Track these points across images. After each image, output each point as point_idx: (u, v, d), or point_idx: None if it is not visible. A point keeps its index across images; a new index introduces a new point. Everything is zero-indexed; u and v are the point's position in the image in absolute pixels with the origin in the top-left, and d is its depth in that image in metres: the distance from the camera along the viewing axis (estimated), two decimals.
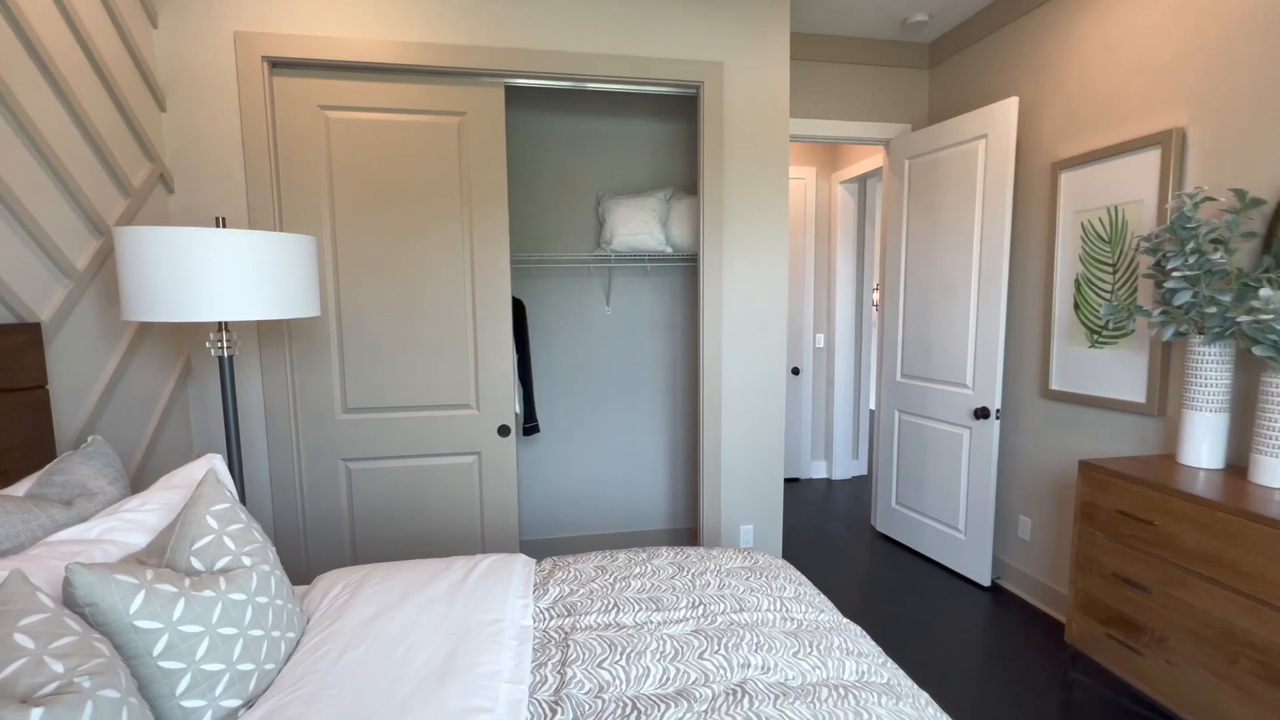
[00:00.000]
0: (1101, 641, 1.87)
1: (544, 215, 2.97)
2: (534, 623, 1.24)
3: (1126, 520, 1.78)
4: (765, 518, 2.65)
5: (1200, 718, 1.59)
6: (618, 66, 2.33)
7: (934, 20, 2.89)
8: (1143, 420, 2.17)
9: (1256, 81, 1.81)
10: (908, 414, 3.18)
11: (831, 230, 4.29)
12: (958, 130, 2.79)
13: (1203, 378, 1.80)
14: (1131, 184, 2.17)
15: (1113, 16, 2.23)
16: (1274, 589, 1.42)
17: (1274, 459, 1.63)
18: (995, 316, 2.63)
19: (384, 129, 2.22)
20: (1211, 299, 1.74)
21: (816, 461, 4.48)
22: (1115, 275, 2.24)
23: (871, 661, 1.13)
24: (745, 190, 2.49)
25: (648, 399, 3.15)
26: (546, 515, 3.12)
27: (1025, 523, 2.67)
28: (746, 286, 2.54)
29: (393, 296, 2.27)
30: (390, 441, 2.32)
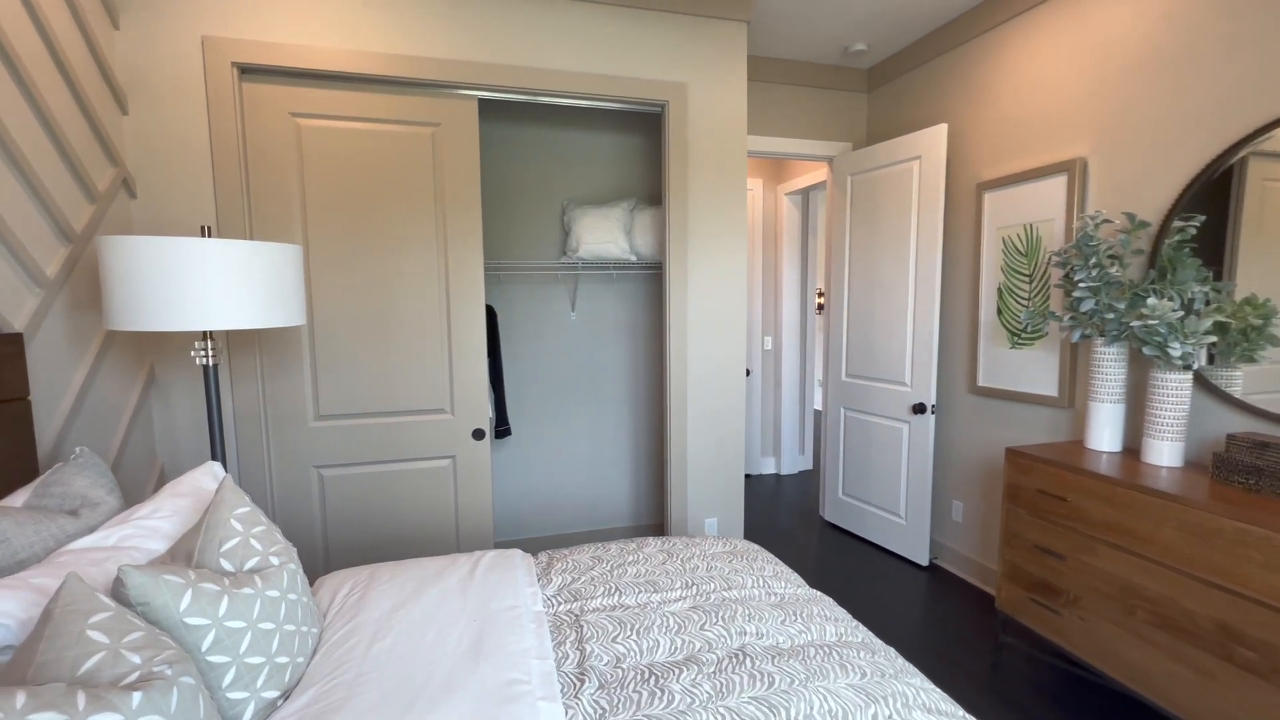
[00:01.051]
0: (1026, 606, 2.13)
1: (510, 223, 3.04)
2: (545, 608, 1.34)
3: (1045, 498, 2.05)
4: (728, 510, 2.82)
5: (1108, 664, 1.86)
6: (589, 84, 2.44)
7: (872, 49, 3.16)
8: (1055, 411, 2.48)
9: (1143, 121, 2.12)
10: (852, 411, 3.43)
11: (778, 239, 4.55)
12: (895, 151, 3.06)
13: (1103, 374, 2.10)
14: (1044, 205, 2.47)
15: (1029, 56, 2.53)
16: (1161, 549, 1.70)
17: (1160, 441, 1.93)
18: (930, 320, 2.91)
19: (357, 138, 2.24)
20: (1110, 306, 2.04)
21: (766, 458, 4.72)
22: (1032, 285, 2.54)
23: (847, 625, 1.30)
24: (707, 202, 2.65)
25: (612, 401, 3.27)
26: (515, 517, 3.18)
27: (958, 506, 2.96)
28: (709, 293, 2.70)
29: (367, 304, 2.29)
30: (364, 447, 2.34)
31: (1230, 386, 1.91)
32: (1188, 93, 1.99)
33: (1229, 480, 1.75)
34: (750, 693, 1.05)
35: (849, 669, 1.11)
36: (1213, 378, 1.95)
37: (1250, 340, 1.87)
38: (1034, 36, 2.49)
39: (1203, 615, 1.61)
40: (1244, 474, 1.71)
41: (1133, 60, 2.15)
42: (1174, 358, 1.86)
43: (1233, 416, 1.91)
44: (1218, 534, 1.58)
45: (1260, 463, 1.68)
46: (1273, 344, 1.82)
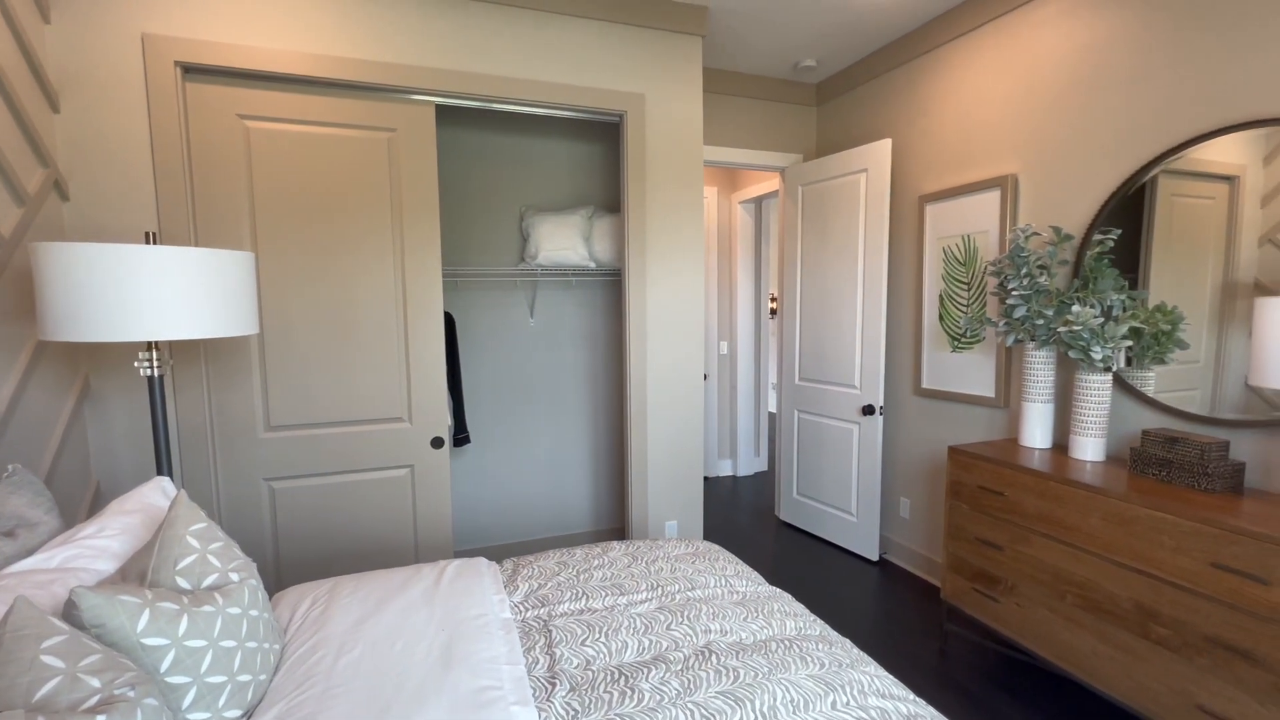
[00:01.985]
0: (969, 595, 2.26)
1: (468, 229, 3.01)
2: (513, 615, 1.34)
3: (984, 493, 2.18)
4: (688, 512, 2.87)
5: (1042, 646, 2.00)
6: (549, 93, 2.46)
7: (821, 65, 3.29)
8: (993, 411, 2.63)
9: (1066, 141, 2.30)
10: (805, 413, 3.55)
11: (732, 246, 4.65)
12: (843, 164, 3.19)
13: (1034, 376, 2.25)
14: (980, 217, 2.63)
15: (966, 77, 2.69)
16: (1087, 537, 1.84)
17: (1085, 438, 2.09)
18: (877, 326, 3.05)
19: (310, 142, 2.19)
20: (1039, 313, 2.19)
21: (723, 460, 4.81)
22: (970, 292, 2.70)
23: (805, 619, 1.36)
24: (665, 210, 2.71)
25: (572, 407, 3.28)
26: (476, 525, 3.15)
27: (906, 503, 3.10)
28: (667, 299, 2.75)
29: (320, 311, 2.24)
30: (318, 458, 2.28)
31: (1145, 386, 2.08)
32: (1104, 117, 2.17)
33: (1144, 472, 1.91)
34: (717, 687, 1.09)
35: (808, 660, 1.17)
36: (1130, 378, 2.12)
37: (1161, 344, 2.05)
38: (970, 59, 2.65)
39: (1123, 597, 1.75)
40: (1157, 466, 1.87)
41: (1056, 86, 2.32)
42: (1095, 361, 2.02)
43: (1148, 414, 2.09)
44: (1135, 522, 1.72)
45: (1170, 456, 1.84)
46: (1180, 347, 2.00)
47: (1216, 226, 1.85)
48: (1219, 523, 1.54)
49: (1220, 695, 1.54)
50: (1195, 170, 1.90)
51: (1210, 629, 1.56)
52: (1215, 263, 1.86)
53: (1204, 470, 1.75)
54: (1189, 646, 1.61)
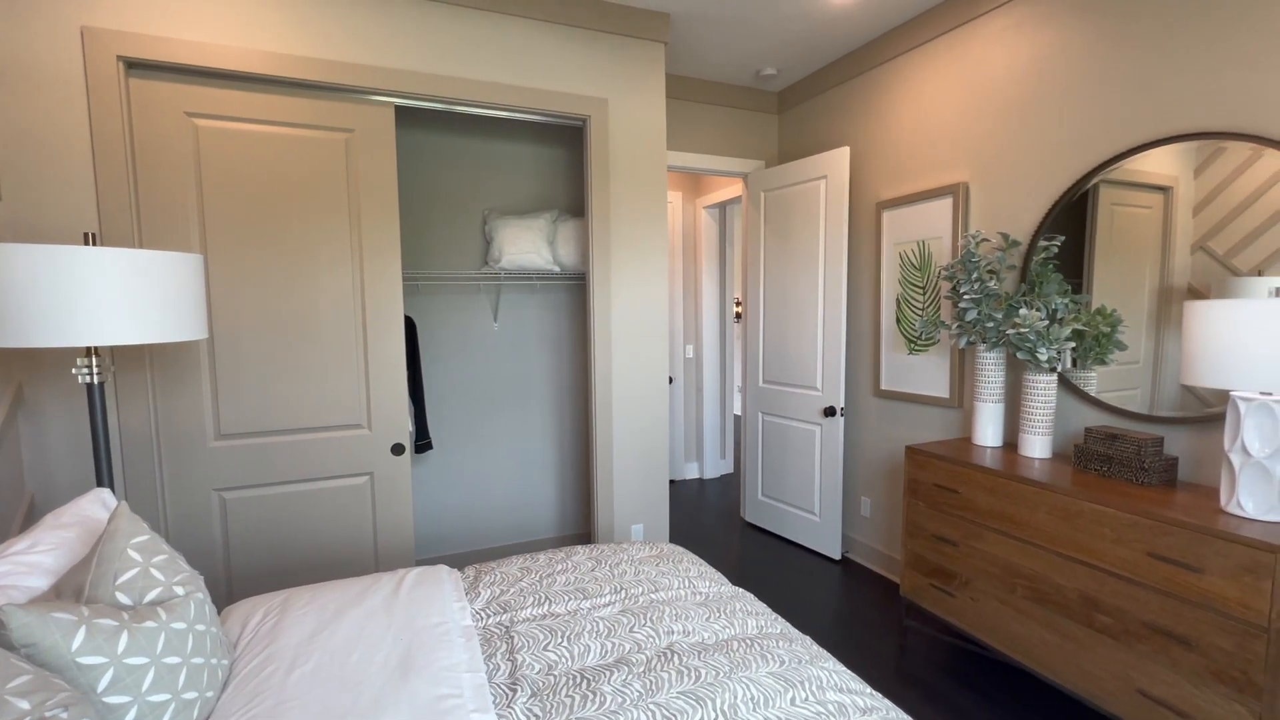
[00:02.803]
0: (926, 591, 2.32)
1: (430, 232, 2.97)
2: (474, 622, 1.33)
3: (940, 491, 2.25)
4: (653, 515, 2.88)
5: (995, 638, 2.06)
6: (511, 96, 2.45)
7: (782, 74, 3.35)
8: (947, 411, 2.72)
9: (1013, 151, 2.39)
10: (769, 415, 3.60)
11: (697, 250, 4.70)
12: (803, 170, 3.26)
13: (986, 376, 2.33)
14: (934, 223, 2.72)
15: (920, 89, 2.78)
16: (1035, 532, 1.91)
17: (1033, 436, 2.18)
18: (838, 329, 3.11)
19: (263, 141, 2.13)
20: (990, 316, 2.27)
21: (689, 463, 4.84)
22: (925, 296, 2.79)
23: (767, 618, 1.38)
24: (629, 215, 2.72)
25: (537, 411, 3.26)
26: (439, 532, 3.10)
27: (867, 502, 3.17)
28: (631, 303, 2.76)
29: (275, 316, 2.18)
30: (272, 467, 2.21)
31: (1088, 386, 2.18)
32: (1047, 129, 2.27)
33: (1087, 468, 2.00)
34: (679, 688, 1.10)
35: (769, 658, 1.19)
36: (1074, 379, 2.22)
37: (1102, 345, 2.15)
38: (924, 71, 2.74)
39: (1069, 588, 1.83)
40: (1099, 462, 1.96)
41: (1003, 98, 2.41)
42: (1041, 361, 2.10)
43: (1091, 412, 2.18)
44: (1078, 515, 1.80)
45: (1111, 452, 1.93)
46: (1119, 348, 2.10)
47: (1153, 234, 1.95)
48: (1154, 514, 1.62)
49: (1158, 679, 1.62)
50: (1133, 181, 2.00)
51: (1148, 616, 1.64)
52: (1152, 268, 1.96)
53: (1141, 465, 1.84)
54: (1129, 634, 1.68)
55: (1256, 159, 1.69)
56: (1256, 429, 1.53)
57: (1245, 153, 1.71)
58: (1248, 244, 1.71)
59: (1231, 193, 1.74)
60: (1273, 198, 1.67)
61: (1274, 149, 1.67)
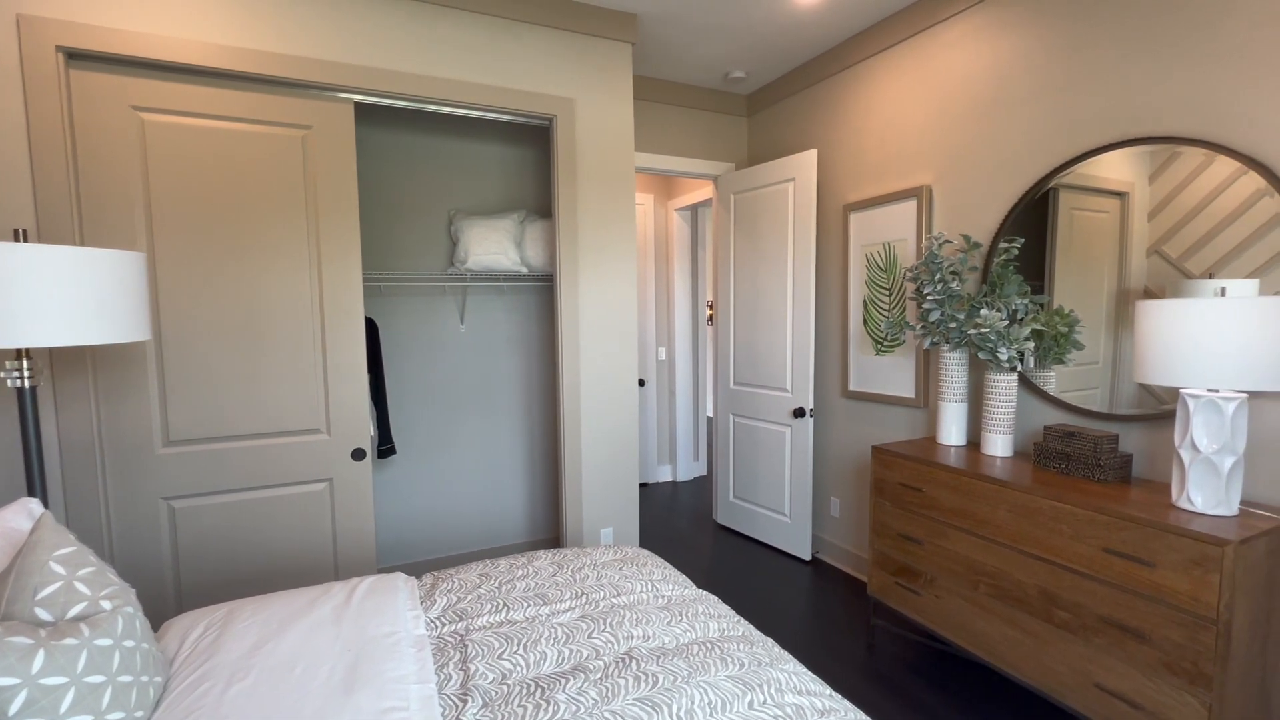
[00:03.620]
0: (892, 589, 2.34)
1: (394, 233, 2.91)
2: (428, 631, 1.28)
3: (905, 490, 2.26)
4: (623, 518, 2.85)
5: (959, 635, 2.08)
6: (475, 94, 2.41)
7: (751, 77, 3.37)
8: (913, 411, 2.75)
9: (975, 154, 2.43)
10: (740, 417, 3.60)
11: (669, 252, 4.69)
12: (772, 173, 3.28)
13: (949, 376, 2.36)
14: (899, 226, 2.75)
15: (885, 93, 2.82)
16: (996, 529, 1.94)
17: (995, 434, 2.20)
18: (806, 330, 3.13)
19: (215, 137, 2.06)
20: (952, 317, 2.30)
21: (662, 466, 4.82)
22: (891, 297, 2.82)
23: (729, 620, 1.36)
24: (597, 216, 2.70)
25: (505, 415, 3.21)
26: (405, 539, 3.03)
27: (836, 502, 3.19)
28: (600, 305, 2.74)
29: (229, 318, 2.10)
30: (226, 474, 2.13)
31: (1047, 385, 2.22)
32: (1006, 133, 2.31)
33: (1046, 465, 2.03)
34: (635, 694, 1.07)
35: (729, 661, 1.17)
36: (1034, 378, 2.26)
37: (1060, 345, 2.19)
38: (889, 76, 2.77)
39: (1030, 584, 1.85)
40: (1057, 460, 1.99)
41: (964, 102, 2.45)
42: (1002, 361, 2.13)
43: (1050, 411, 2.22)
44: (1038, 512, 1.82)
45: (1069, 449, 1.96)
46: (1077, 348, 2.14)
47: (1110, 238, 1.99)
48: (1109, 510, 1.65)
49: (1114, 672, 1.65)
50: (1091, 186, 2.04)
51: (1104, 610, 1.66)
52: (1110, 271, 2.00)
53: (1097, 462, 1.87)
54: (1086, 628, 1.71)
55: (1207, 165, 1.74)
56: (1204, 425, 1.57)
57: (1197, 159, 1.76)
58: (1199, 248, 1.76)
59: (1184, 198, 1.78)
60: (1222, 203, 1.71)
61: (1224, 155, 1.72)
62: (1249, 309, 1.45)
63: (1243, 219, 1.68)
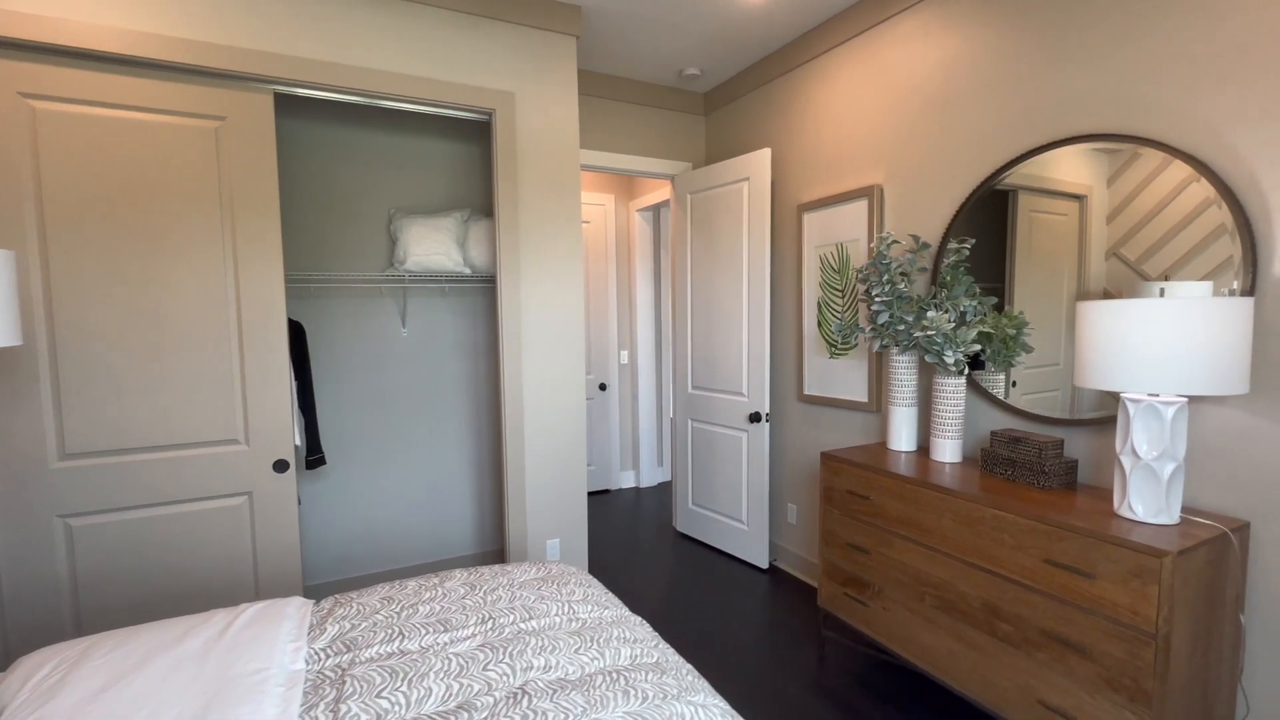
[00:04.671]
0: (841, 600, 2.26)
1: (331, 232, 2.78)
2: (306, 665, 1.17)
3: (853, 498, 2.19)
4: (570, 529, 2.75)
5: (905, 648, 2.01)
6: (407, 86, 2.30)
7: (706, 74, 3.29)
8: (867, 415, 2.68)
9: (923, 153, 2.38)
10: (698, 421, 3.52)
11: (631, 254, 4.60)
12: (727, 172, 3.20)
13: (899, 380, 2.30)
14: (851, 226, 2.69)
15: (837, 90, 2.76)
16: (941, 539, 1.87)
17: (944, 439, 2.14)
18: (762, 333, 3.06)
19: (116, 128, 1.92)
20: (901, 319, 2.24)
21: (625, 472, 4.72)
22: (844, 299, 2.75)
23: (644, 646, 1.27)
24: (540, 215, 2.59)
25: (452, 422, 3.08)
26: (343, 554, 2.88)
27: (793, 509, 3.12)
28: (544, 307, 2.63)
29: (133, 320, 1.96)
30: (131, 489, 1.99)
31: (996, 389, 2.16)
32: (955, 131, 2.26)
33: (993, 471, 1.97)
34: None
35: (631, 694, 1.07)
36: (985, 381, 2.20)
37: (1009, 348, 2.13)
38: (841, 73, 2.72)
39: (973, 596, 1.78)
40: (1003, 466, 1.93)
41: (913, 100, 2.40)
42: (949, 364, 2.07)
43: (1000, 416, 2.17)
44: (980, 521, 1.76)
45: (1014, 455, 1.90)
46: (1026, 350, 2.08)
47: (1070, 241, 1.94)
48: (1049, 519, 1.58)
49: (1056, 688, 1.58)
50: (1050, 188, 1.99)
51: (1046, 624, 1.60)
52: (1070, 274, 1.95)
53: (1041, 468, 1.82)
54: (1029, 642, 1.64)
55: (1162, 170, 1.69)
56: (1144, 431, 1.51)
57: (1153, 163, 1.71)
58: (1156, 250, 1.72)
59: (1141, 201, 1.75)
60: (1177, 206, 1.68)
61: (1169, 155, 1.67)
62: (1188, 310, 1.40)
63: (1194, 224, 1.64)
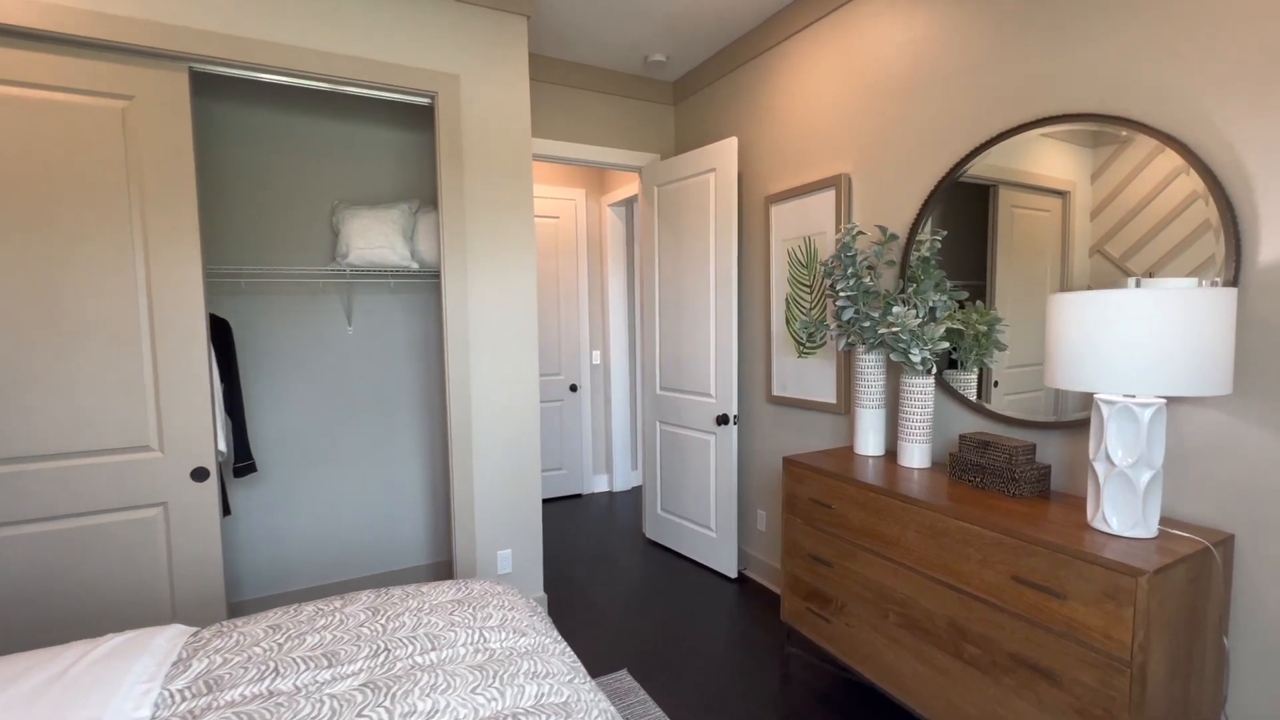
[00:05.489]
0: (805, 615, 2.12)
1: (268, 224, 2.61)
2: (153, 711, 1.01)
3: (816, 506, 2.05)
4: (523, 539, 2.59)
5: (869, 668, 1.87)
6: (340, 67, 2.14)
7: (672, 61, 3.15)
8: (836, 418, 2.54)
9: (892, 139, 2.24)
10: (667, 424, 3.37)
11: (603, 250, 4.45)
12: (693, 163, 3.06)
13: (866, 380, 2.16)
14: (819, 218, 2.55)
15: (804, 76, 2.62)
16: (905, 552, 1.73)
17: (912, 444, 2.00)
18: (729, 332, 2.91)
19: (7, 107, 1.75)
20: (866, 315, 2.10)
21: (598, 476, 4.57)
22: (812, 295, 2.61)
23: (555, 682, 1.11)
24: (489, 206, 2.44)
25: (404, 425, 2.92)
26: (282, 566, 2.71)
27: (762, 515, 2.98)
28: (494, 304, 2.48)
29: (25, 317, 1.79)
30: (26, 501, 1.82)
31: (969, 390, 2.03)
32: (924, 115, 2.12)
33: (961, 478, 1.83)
34: None
35: None
36: (954, 381, 2.07)
37: (981, 346, 2.00)
38: (809, 56, 2.58)
39: (939, 614, 1.64)
40: (972, 472, 1.80)
41: (882, 83, 2.26)
42: (915, 363, 1.93)
43: (973, 418, 2.03)
44: (945, 534, 1.62)
45: (983, 461, 1.76)
46: (999, 349, 1.95)
47: (1053, 237, 1.83)
48: (1017, 533, 1.45)
49: (1025, 718, 1.44)
50: (1031, 184, 1.87)
51: (1014, 646, 1.46)
52: (1053, 271, 1.83)
53: (1012, 475, 1.68)
54: (996, 666, 1.50)
55: (1149, 162, 1.57)
56: (1119, 435, 1.38)
57: (1140, 155, 1.59)
58: (1140, 247, 1.61)
59: (1125, 198, 1.64)
60: (1162, 202, 1.55)
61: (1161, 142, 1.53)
62: (1167, 301, 1.26)
63: (1179, 220, 1.52)
